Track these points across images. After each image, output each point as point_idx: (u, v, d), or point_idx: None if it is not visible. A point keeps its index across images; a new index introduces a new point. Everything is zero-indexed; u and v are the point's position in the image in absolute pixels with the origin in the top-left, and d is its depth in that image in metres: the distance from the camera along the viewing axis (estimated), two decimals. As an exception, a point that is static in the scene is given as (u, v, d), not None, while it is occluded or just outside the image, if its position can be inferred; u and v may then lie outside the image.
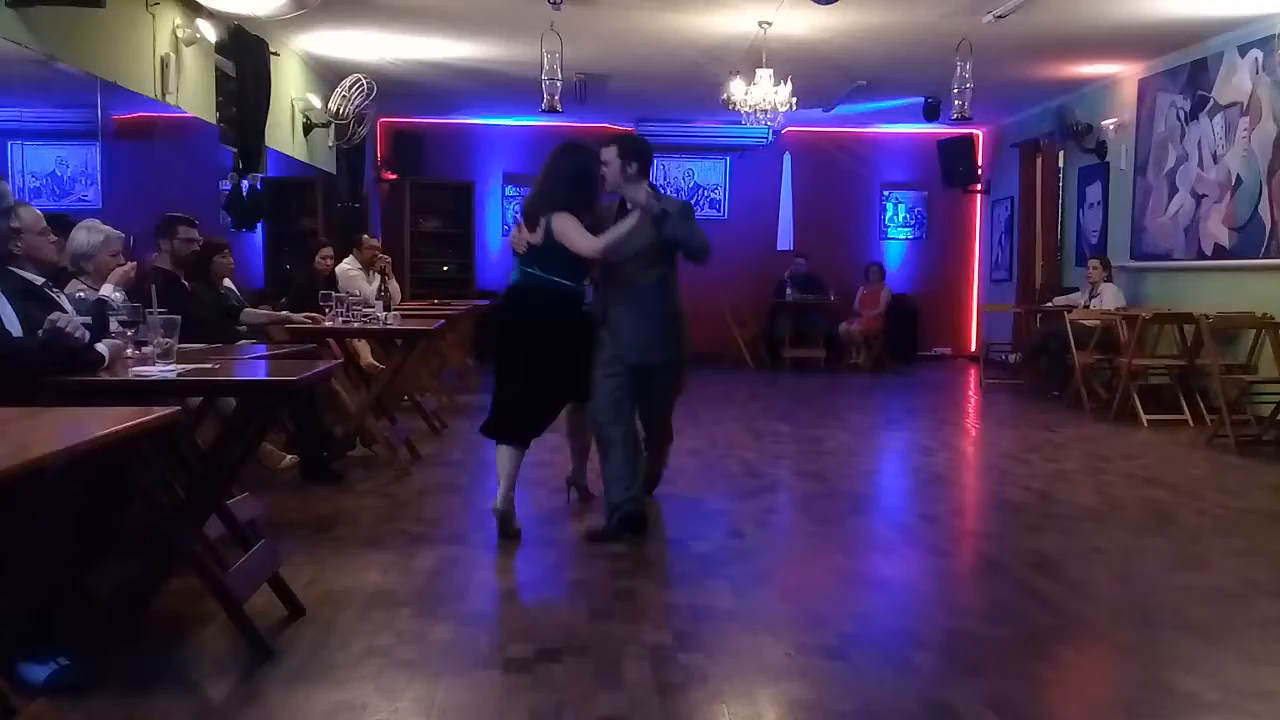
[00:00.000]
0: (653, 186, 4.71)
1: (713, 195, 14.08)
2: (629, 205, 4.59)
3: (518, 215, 4.87)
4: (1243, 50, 8.44)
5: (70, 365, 3.33)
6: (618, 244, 4.51)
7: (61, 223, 4.50)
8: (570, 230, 4.50)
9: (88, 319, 3.55)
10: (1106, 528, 5.01)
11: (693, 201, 13.39)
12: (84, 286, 4.41)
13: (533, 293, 4.62)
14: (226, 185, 8.16)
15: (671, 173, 13.64)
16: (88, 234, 4.54)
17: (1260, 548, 4.70)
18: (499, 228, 13.76)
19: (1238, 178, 8.50)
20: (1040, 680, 3.22)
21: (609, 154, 4.60)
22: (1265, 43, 8.10)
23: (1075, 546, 4.67)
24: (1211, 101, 8.87)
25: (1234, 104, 8.57)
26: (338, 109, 9.68)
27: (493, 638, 3.46)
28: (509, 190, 13.70)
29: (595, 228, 4.53)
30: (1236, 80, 8.53)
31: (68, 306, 3.67)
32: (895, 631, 3.63)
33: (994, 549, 4.77)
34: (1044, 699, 3.13)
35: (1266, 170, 8.14)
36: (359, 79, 9.57)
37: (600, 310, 4.71)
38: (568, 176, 4.61)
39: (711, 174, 14.03)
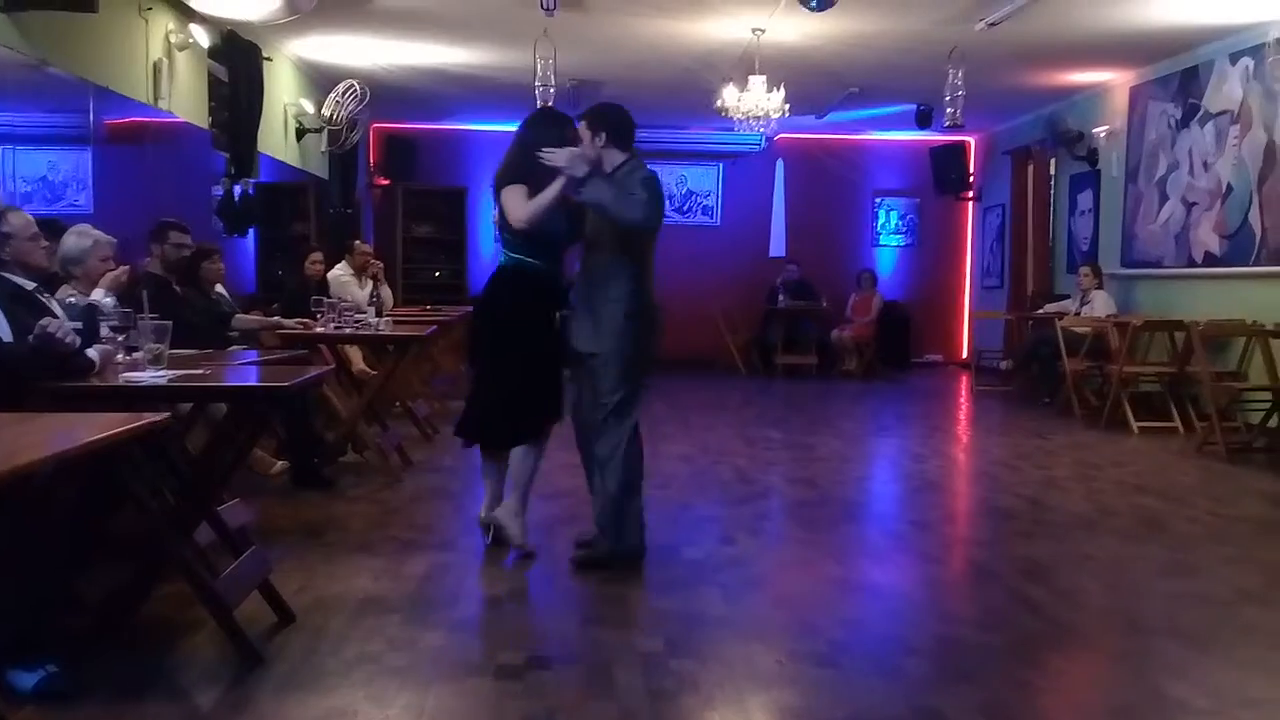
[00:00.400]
0: (637, 158, 4.33)
1: (705, 202, 14.10)
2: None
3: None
4: (1233, 58, 8.48)
5: (61, 370, 3.32)
6: (540, 211, 4.23)
7: (53, 228, 4.49)
8: (509, 201, 4.31)
9: (78, 324, 3.54)
10: (1097, 535, 5.01)
11: (673, 198, 13.43)
12: (74, 292, 4.39)
13: (507, 275, 4.44)
14: (218, 190, 8.14)
15: (664, 179, 13.62)
16: (77, 239, 4.52)
17: (1250, 555, 4.71)
18: (491, 234, 13.74)
19: (1228, 186, 8.53)
20: (1031, 687, 3.22)
21: (581, 129, 4.34)
22: (1256, 51, 8.13)
23: (1066, 554, 4.67)
24: (1202, 109, 8.91)
25: (1224, 112, 8.60)
26: (331, 114, 9.68)
27: (484, 645, 3.45)
28: (502, 196, 13.70)
29: (576, 209, 4.32)
30: (1227, 88, 8.56)
31: (58, 312, 3.67)
32: (887, 639, 3.63)
33: (985, 556, 4.77)
34: (1035, 706, 3.14)
35: (1257, 178, 8.17)
36: (352, 85, 9.57)
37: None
38: (528, 146, 4.36)
39: (704, 180, 14.05)
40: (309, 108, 9.96)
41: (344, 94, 9.60)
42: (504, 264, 4.49)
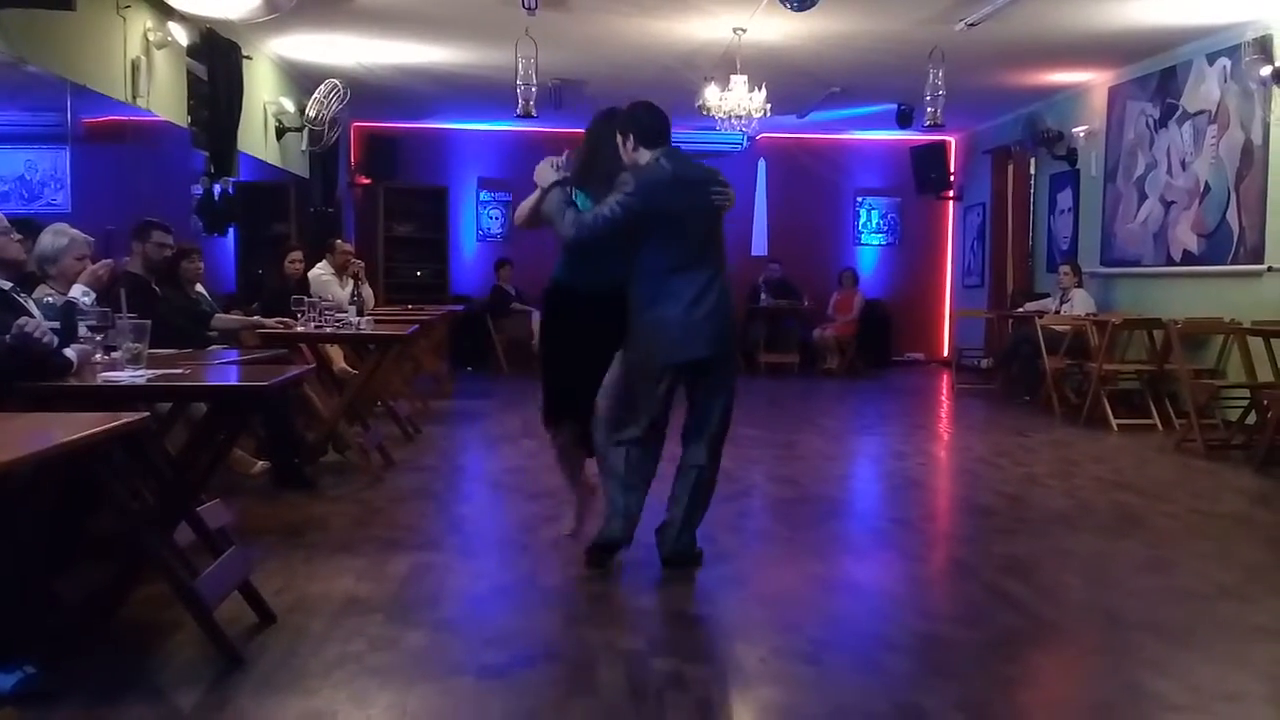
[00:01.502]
0: (663, 155, 4.12)
1: (687, 201, 14.08)
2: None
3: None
4: (1211, 58, 8.54)
5: (38, 370, 3.30)
6: (523, 214, 4.28)
7: (30, 227, 4.46)
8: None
9: (55, 323, 3.52)
10: (1077, 531, 5.04)
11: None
12: (51, 291, 4.36)
13: (558, 288, 4.40)
14: (198, 189, 8.09)
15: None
16: (53, 237, 4.49)
17: (1228, 551, 4.74)
18: (473, 233, 13.74)
19: (1206, 185, 8.59)
20: (1011, 683, 3.24)
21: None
22: (1233, 51, 8.19)
23: (1046, 550, 4.70)
24: (1180, 109, 8.96)
25: (1202, 112, 8.66)
26: (315, 115, 9.63)
27: (466, 644, 3.44)
28: (483, 195, 13.71)
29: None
30: (1205, 88, 8.62)
31: (35, 311, 3.64)
32: (868, 636, 3.64)
33: (966, 553, 4.79)
34: (1015, 702, 3.15)
35: (1234, 177, 8.23)
36: (335, 85, 9.52)
37: None
38: (584, 149, 4.32)
39: (686, 179, 14.03)
40: (289, 106, 9.91)
41: (328, 94, 9.56)
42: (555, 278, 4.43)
